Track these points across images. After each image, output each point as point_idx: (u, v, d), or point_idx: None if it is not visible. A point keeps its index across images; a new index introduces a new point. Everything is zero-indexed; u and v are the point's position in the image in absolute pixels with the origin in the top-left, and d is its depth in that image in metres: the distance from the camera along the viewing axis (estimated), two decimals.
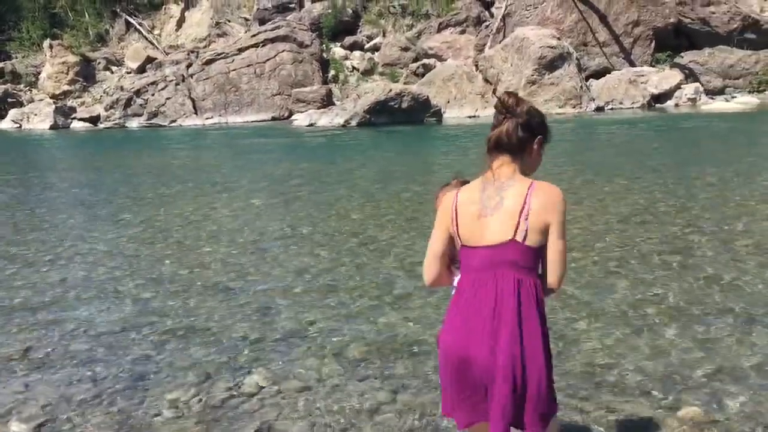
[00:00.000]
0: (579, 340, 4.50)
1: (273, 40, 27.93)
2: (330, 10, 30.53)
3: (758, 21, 27.37)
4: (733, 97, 25.32)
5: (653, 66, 26.95)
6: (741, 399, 3.67)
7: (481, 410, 2.47)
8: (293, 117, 25.57)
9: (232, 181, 11.88)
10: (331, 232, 7.82)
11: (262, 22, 30.83)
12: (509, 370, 2.36)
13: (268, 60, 27.59)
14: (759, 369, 4.02)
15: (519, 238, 2.43)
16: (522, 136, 2.55)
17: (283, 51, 27.74)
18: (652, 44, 27.31)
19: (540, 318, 2.44)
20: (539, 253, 2.46)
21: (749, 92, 25.98)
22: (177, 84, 27.02)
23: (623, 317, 4.87)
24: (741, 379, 3.90)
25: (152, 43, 32.32)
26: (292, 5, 31.76)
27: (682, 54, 27.13)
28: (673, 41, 27.66)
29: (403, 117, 21.70)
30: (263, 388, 4.04)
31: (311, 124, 23.05)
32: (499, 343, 2.38)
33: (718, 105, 23.89)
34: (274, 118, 26.37)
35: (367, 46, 30.30)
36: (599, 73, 26.29)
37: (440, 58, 27.60)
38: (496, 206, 2.48)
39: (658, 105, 24.95)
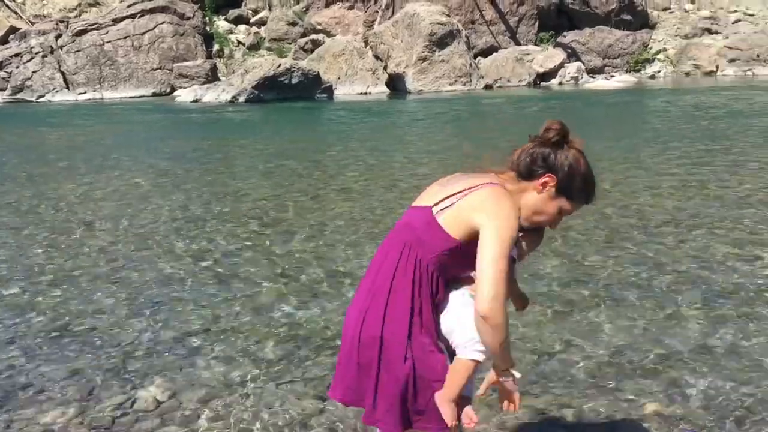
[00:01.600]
0: (517, 329, 4.14)
1: (151, 11, 26.23)
2: None
3: (633, 3, 28.53)
4: (611, 76, 26.30)
5: (537, 45, 27.51)
6: (699, 383, 3.44)
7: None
8: (176, 93, 24.14)
9: (112, 160, 10.82)
10: (229, 214, 7.14)
11: None
12: (355, 343, 2.18)
13: (146, 32, 25.89)
14: (704, 349, 3.82)
15: (435, 209, 2.15)
16: (529, 164, 2.21)
17: (163, 23, 26.12)
18: (536, 24, 27.87)
19: (413, 300, 2.15)
20: (450, 243, 2.13)
21: (626, 71, 27.07)
22: (44, 56, 24.80)
23: (558, 301, 4.58)
24: (695, 362, 3.68)
25: (15, 12, 29.50)
26: None
27: (564, 33, 27.87)
28: (556, 21, 28.36)
29: (293, 93, 20.93)
30: (162, 403, 3.39)
31: (196, 100, 21.81)
32: (365, 314, 2.19)
33: (599, 83, 24.71)
34: (155, 94, 24.81)
35: (252, 20, 29.12)
36: (486, 51, 26.53)
37: (329, 34, 26.91)
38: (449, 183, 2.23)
39: (543, 83, 25.50)
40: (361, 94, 23.21)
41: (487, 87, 24.34)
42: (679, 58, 27.95)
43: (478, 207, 2.11)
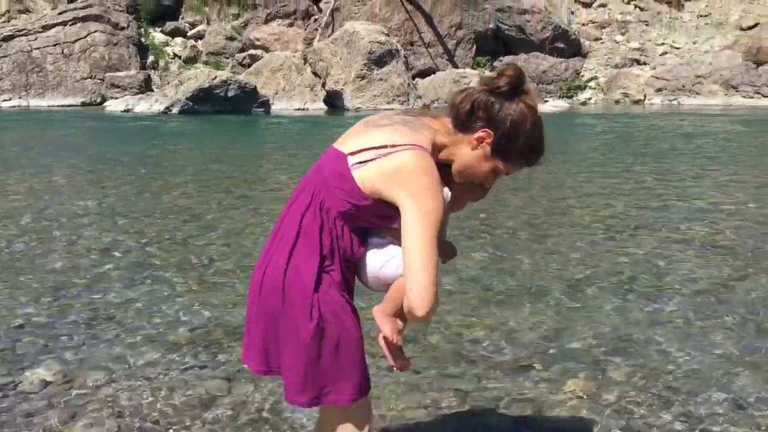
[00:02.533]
0: (441, 315, 4.02)
1: (83, 19, 25.49)
2: None
3: (567, 31, 29.39)
4: (546, 101, 26.90)
5: (474, 68, 27.96)
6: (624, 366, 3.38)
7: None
8: (106, 103, 23.42)
9: (28, 159, 10.30)
10: (148, 208, 6.82)
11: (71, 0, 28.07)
12: (256, 292, 1.97)
13: (77, 40, 25.12)
14: (629, 338, 3.78)
15: (352, 159, 1.90)
16: (468, 112, 1.95)
17: (95, 31, 25.41)
18: (474, 48, 28.35)
19: (322, 250, 1.93)
20: (362, 200, 1.91)
21: (560, 97, 27.77)
22: None
23: (485, 292, 4.49)
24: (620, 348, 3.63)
25: None
26: None
27: (500, 58, 28.42)
28: (493, 46, 28.91)
29: (229, 106, 20.56)
30: (50, 383, 3.11)
31: (127, 110, 21.17)
32: (268, 260, 1.98)
33: None
34: (84, 104, 24.00)
35: (189, 33, 28.65)
36: (425, 73, 26.78)
37: (267, 50, 26.71)
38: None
39: None
40: (298, 110, 23.03)
41: (425, 107, 24.52)
42: (610, 87, 28.86)
43: (397, 180, 1.87)
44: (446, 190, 2.01)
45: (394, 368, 2.03)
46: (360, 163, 1.91)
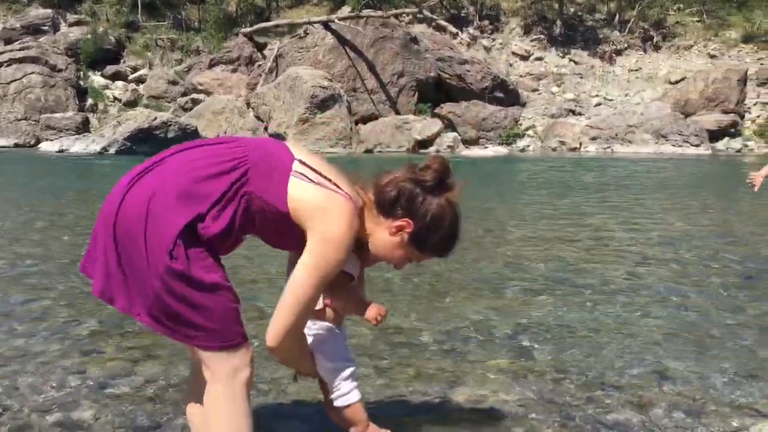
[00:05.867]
0: None
1: (20, 61, 25.05)
2: (89, 36, 28.18)
3: (506, 82, 30.30)
4: (485, 147, 27.50)
5: (416, 115, 28.46)
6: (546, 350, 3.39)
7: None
8: (40, 145, 22.83)
9: None
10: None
11: (8, 42, 27.58)
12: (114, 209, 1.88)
13: (13, 81, 24.62)
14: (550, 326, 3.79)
15: (297, 167, 1.97)
16: (392, 199, 2.01)
17: (32, 73, 24.96)
18: (416, 95, 28.89)
19: (214, 206, 1.88)
20: (280, 206, 1.90)
21: (499, 143, 28.41)
22: None
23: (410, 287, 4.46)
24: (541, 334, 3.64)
25: None
26: (45, 27, 28.85)
27: (441, 105, 29.03)
28: (434, 94, 29.53)
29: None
30: None
31: (62, 150, 20.68)
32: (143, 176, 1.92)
33: (476, 152, 25.75)
34: (17, 145, 23.36)
35: (131, 77, 28.42)
36: (367, 118, 27.11)
37: (210, 94, 26.66)
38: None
39: (422, 150, 26.23)
40: None
41: (368, 151, 24.73)
42: (546, 135, 29.70)
43: (323, 217, 1.86)
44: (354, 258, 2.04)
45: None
46: (302, 175, 1.88)
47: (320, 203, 1.85)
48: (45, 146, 21.89)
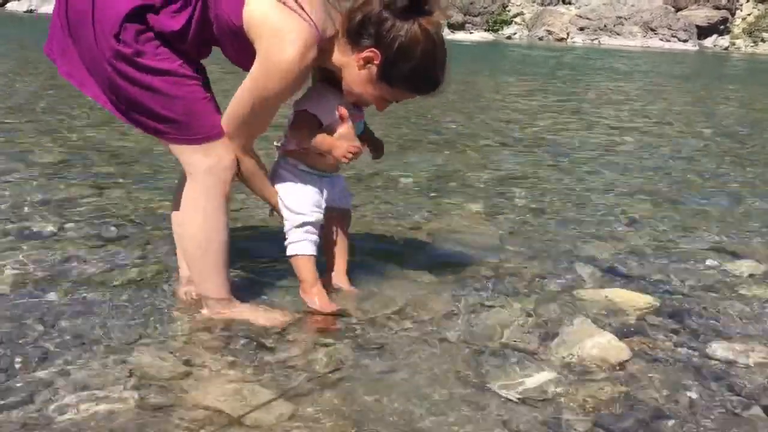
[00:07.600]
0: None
1: None
2: None
3: None
4: (471, 33, 26.86)
5: None
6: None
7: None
8: (8, 4, 21.74)
9: None
10: None
11: None
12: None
13: None
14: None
15: None
16: (358, 25, 1.75)
17: None
18: None
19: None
20: (235, 19, 1.74)
21: (485, 30, 27.74)
22: None
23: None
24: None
25: None
26: None
27: None
28: None
29: None
30: None
31: (30, 11, 19.72)
32: None
33: (461, 36, 25.15)
34: None
35: None
36: None
37: None
38: None
39: None
40: None
41: None
42: (534, 23, 28.98)
43: (270, 38, 1.69)
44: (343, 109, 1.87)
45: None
46: None
47: (273, 23, 1.68)
48: (13, 5, 20.87)
